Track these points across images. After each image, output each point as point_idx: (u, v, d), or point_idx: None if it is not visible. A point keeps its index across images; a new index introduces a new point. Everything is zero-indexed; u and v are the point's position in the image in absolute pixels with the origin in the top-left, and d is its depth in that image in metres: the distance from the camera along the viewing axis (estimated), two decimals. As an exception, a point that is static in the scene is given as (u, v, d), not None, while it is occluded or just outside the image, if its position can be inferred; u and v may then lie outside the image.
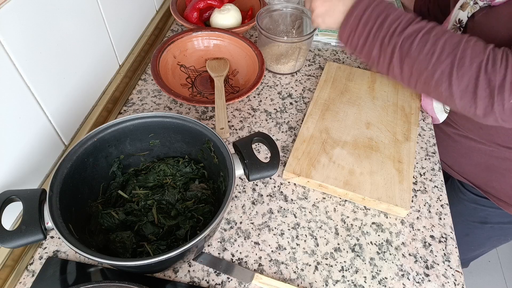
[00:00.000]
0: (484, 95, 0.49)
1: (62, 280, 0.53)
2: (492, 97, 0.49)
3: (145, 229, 0.55)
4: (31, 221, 0.44)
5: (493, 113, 0.50)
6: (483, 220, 0.82)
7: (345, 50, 0.62)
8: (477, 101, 0.50)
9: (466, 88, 0.50)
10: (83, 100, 0.69)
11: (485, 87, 0.48)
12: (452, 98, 0.52)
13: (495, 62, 0.48)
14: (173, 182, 0.61)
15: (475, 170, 0.77)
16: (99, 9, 0.68)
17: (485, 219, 0.82)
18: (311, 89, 0.83)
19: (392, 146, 0.71)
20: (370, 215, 0.63)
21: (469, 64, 0.49)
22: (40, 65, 0.56)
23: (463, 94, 0.50)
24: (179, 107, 0.78)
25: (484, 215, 0.81)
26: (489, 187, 0.78)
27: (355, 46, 0.59)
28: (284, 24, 0.90)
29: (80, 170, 0.52)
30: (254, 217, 0.62)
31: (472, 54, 0.49)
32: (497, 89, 0.48)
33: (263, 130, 0.74)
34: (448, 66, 0.50)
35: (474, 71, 0.49)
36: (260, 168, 0.52)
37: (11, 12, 0.48)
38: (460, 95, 0.51)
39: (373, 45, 0.57)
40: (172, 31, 0.97)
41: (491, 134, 0.70)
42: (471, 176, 0.80)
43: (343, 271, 0.57)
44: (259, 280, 0.54)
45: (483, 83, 0.48)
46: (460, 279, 0.57)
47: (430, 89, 0.54)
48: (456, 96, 0.51)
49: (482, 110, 0.50)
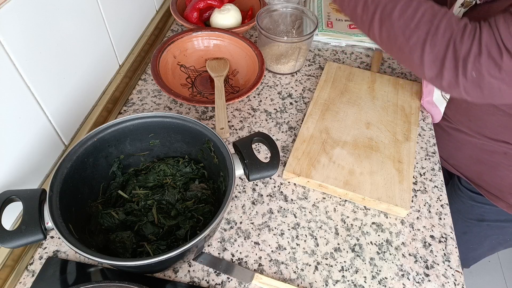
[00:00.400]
0: (450, 66, 0.50)
1: (62, 280, 0.53)
2: (457, 68, 0.49)
3: (145, 229, 0.55)
4: (31, 221, 0.44)
5: (458, 85, 0.51)
6: (480, 217, 0.83)
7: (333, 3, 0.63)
8: (444, 71, 0.50)
9: (436, 57, 0.51)
10: (83, 100, 0.69)
11: (452, 58, 0.49)
12: (422, 67, 0.53)
13: (464, 34, 0.49)
14: (173, 182, 0.61)
15: (467, 163, 0.79)
16: (99, 9, 0.68)
17: (482, 216, 0.82)
18: (311, 89, 0.83)
19: (392, 146, 0.71)
20: (370, 215, 0.63)
21: (442, 34, 0.50)
22: (40, 65, 0.56)
23: (433, 64, 0.51)
24: (179, 107, 0.78)
25: (481, 212, 0.82)
26: (481, 181, 0.79)
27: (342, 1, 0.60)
28: (284, 24, 0.90)
29: (80, 170, 0.52)
30: (254, 217, 0.62)
31: (446, 25, 0.50)
32: (461, 60, 0.49)
33: (263, 130, 0.74)
34: (424, 34, 0.51)
35: (445, 42, 0.50)
36: (260, 168, 0.52)
37: (11, 12, 0.48)
38: (430, 65, 0.52)
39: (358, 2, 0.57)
40: (172, 31, 0.97)
41: (480, 126, 0.71)
42: (464, 169, 0.81)
43: (343, 271, 0.57)
44: (259, 280, 0.54)
45: (450, 54, 0.49)
46: (460, 279, 0.57)
47: (404, 56, 0.54)
48: (426, 65, 0.52)
49: (447, 81, 0.51)
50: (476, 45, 0.48)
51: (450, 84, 0.52)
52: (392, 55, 0.58)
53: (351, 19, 0.61)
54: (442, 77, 0.52)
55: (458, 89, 0.52)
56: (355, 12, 0.58)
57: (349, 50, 0.94)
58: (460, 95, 0.53)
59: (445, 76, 0.51)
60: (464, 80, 0.50)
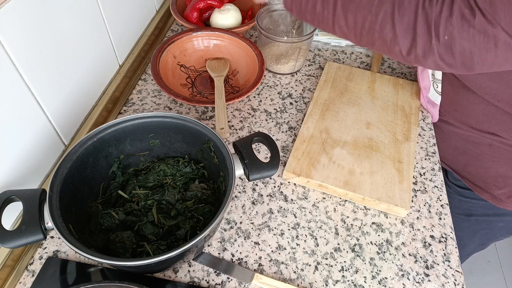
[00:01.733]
0: (422, 31, 0.49)
1: (62, 280, 0.53)
2: (430, 33, 0.49)
3: (145, 229, 0.55)
4: (31, 221, 0.44)
5: (432, 51, 0.50)
6: (467, 212, 0.84)
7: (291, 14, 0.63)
8: (417, 38, 0.50)
9: (408, 26, 0.50)
10: (83, 100, 0.70)
11: (423, 23, 0.49)
12: (396, 40, 0.52)
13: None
14: (173, 182, 0.61)
15: (453, 153, 0.80)
16: (99, 9, 0.68)
17: (469, 211, 0.84)
18: (311, 89, 0.83)
19: (392, 146, 0.71)
20: (370, 215, 0.63)
21: (408, 2, 0.49)
22: (40, 65, 0.56)
23: (405, 33, 0.51)
24: (179, 107, 0.78)
25: (468, 207, 0.83)
26: (466, 172, 0.80)
27: (299, 8, 0.59)
28: (284, 24, 0.90)
29: (80, 170, 0.52)
30: (254, 217, 0.62)
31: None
32: (433, 24, 0.48)
33: (263, 130, 0.74)
34: (390, 6, 0.51)
35: (413, 8, 0.49)
36: (260, 168, 0.52)
37: (11, 12, 0.48)
38: (402, 35, 0.51)
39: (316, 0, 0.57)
40: (172, 31, 0.97)
41: (465, 116, 0.72)
42: (450, 161, 0.82)
43: (343, 271, 0.57)
44: (259, 280, 0.54)
45: (421, 19, 0.49)
46: (460, 279, 0.57)
47: (375, 35, 0.54)
48: (399, 36, 0.51)
49: (422, 48, 0.51)
50: (446, 7, 0.47)
51: (425, 51, 0.51)
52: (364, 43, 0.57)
53: (312, 22, 0.60)
54: (416, 45, 0.51)
55: (433, 56, 0.51)
56: (314, 12, 0.58)
57: (349, 50, 0.94)
58: (436, 63, 0.52)
59: (419, 43, 0.50)
60: (438, 43, 0.49)
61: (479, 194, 0.80)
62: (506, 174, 0.74)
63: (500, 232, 0.88)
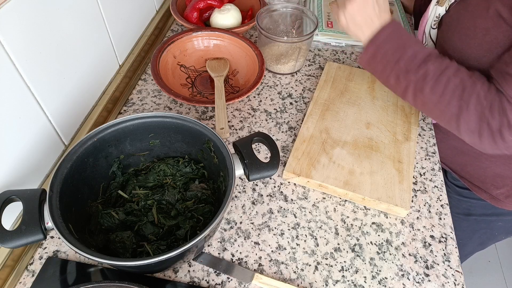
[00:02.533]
0: (487, 135, 0.56)
1: (62, 280, 0.53)
2: (494, 138, 0.55)
3: (145, 229, 0.55)
4: (31, 221, 0.44)
5: (498, 149, 0.57)
6: (466, 212, 0.85)
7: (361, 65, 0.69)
8: (482, 139, 0.57)
9: (472, 131, 0.57)
10: (83, 100, 0.69)
11: (487, 130, 0.55)
12: (461, 135, 0.59)
13: (493, 109, 0.55)
14: (173, 182, 0.61)
15: (452, 154, 0.81)
16: (99, 9, 0.68)
17: (468, 210, 0.85)
18: (311, 89, 0.83)
19: (392, 146, 0.71)
20: (370, 215, 0.63)
21: (473, 110, 0.55)
22: (40, 65, 0.56)
23: (471, 134, 0.57)
24: (179, 107, 0.78)
25: (467, 207, 0.84)
26: (464, 172, 0.81)
27: (373, 70, 0.65)
28: (284, 24, 0.90)
29: (80, 170, 0.52)
30: (254, 217, 0.62)
31: (476, 101, 0.55)
32: (497, 132, 0.55)
33: (263, 130, 0.74)
34: (456, 110, 0.56)
35: (477, 117, 0.55)
36: (260, 168, 0.52)
37: (11, 12, 0.48)
38: (468, 135, 0.58)
39: (390, 76, 0.62)
40: (172, 31, 0.97)
41: None
42: (449, 161, 0.83)
43: (343, 271, 0.57)
44: (259, 280, 0.54)
45: (485, 127, 0.55)
46: (460, 279, 0.57)
47: (442, 123, 0.61)
48: (464, 135, 0.58)
49: (487, 146, 0.57)
50: (505, 119, 0.54)
51: (492, 148, 0.57)
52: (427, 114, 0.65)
53: (384, 84, 0.66)
54: (481, 143, 0.57)
55: (499, 151, 0.57)
56: (386, 81, 0.64)
57: (349, 50, 0.94)
58: (503, 153, 0.59)
59: (485, 143, 0.57)
60: (504, 144, 0.55)
61: (477, 194, 0.80)
62: (504, 174, 0.74)
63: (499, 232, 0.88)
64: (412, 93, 0.60)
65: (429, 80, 0.58)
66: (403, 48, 0.60)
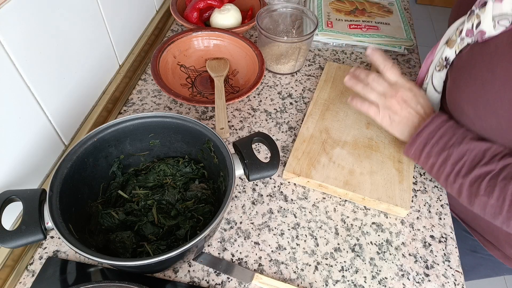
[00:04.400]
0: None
1: (62, 280, 0.53)
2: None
3: (145, 229, 0.55)
4: (31, 221, 0.44)
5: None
6: (473, 249, 0.80)
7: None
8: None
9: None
10: (83, 100, 0.70)
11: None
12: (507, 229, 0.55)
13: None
14: (173, 182, 0.61)
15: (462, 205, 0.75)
16: (99, 9, 0.68)
17: (474, 248, 0.80)
18: (311, 89, 0.83)
19: (392, 146, 0.70)
20: (370, 215, 0.63)
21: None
22: (40, 65, 0.56)
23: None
24: (179, 107, 0.78)
25: (474, 245, 0.80)
26: (475, 225, 0.76)
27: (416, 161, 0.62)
28: (284, 24, 0.90)
29: (80, 170, 0.52)
30: (254, 217, 0.62)
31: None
32: None
33: (263, 130, 0.74)
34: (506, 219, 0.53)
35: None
36: (260, 168, 0.52)
37: (11, 12, 0.48)
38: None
39: (438, 177, 0.59)
40: (172, 31, 0.97)
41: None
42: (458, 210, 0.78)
43: (343, 271, 0.57)
44: (259, 280, 0.54)
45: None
46: (460, 279, 0.57)
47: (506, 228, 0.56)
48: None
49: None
50: None
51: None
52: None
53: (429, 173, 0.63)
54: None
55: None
56: (438, 179, 0.60)
57: (349, 50, 0.94)
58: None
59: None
60: None
61: (489, 251, 0.76)
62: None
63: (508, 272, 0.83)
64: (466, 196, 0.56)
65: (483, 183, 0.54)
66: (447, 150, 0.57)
